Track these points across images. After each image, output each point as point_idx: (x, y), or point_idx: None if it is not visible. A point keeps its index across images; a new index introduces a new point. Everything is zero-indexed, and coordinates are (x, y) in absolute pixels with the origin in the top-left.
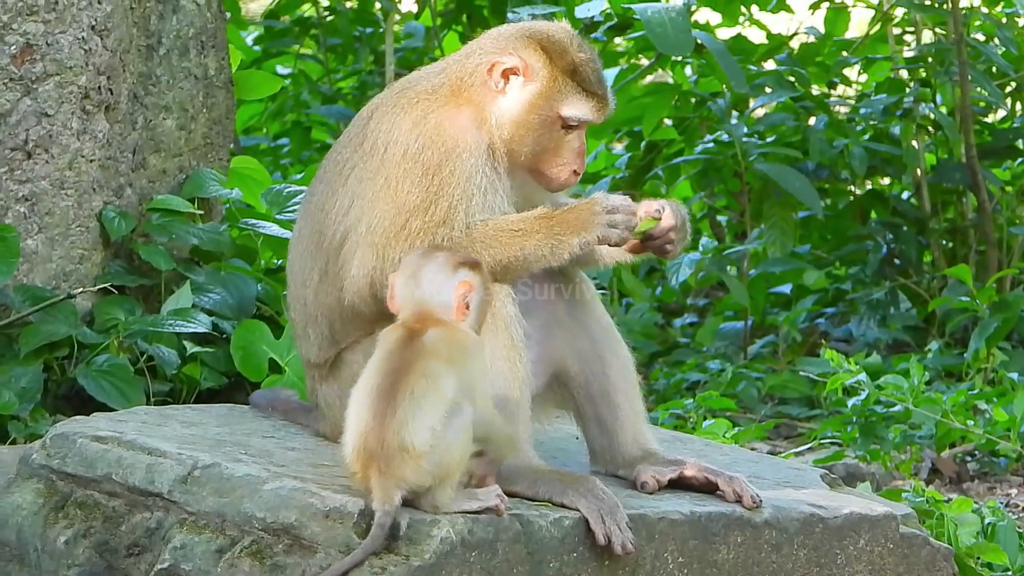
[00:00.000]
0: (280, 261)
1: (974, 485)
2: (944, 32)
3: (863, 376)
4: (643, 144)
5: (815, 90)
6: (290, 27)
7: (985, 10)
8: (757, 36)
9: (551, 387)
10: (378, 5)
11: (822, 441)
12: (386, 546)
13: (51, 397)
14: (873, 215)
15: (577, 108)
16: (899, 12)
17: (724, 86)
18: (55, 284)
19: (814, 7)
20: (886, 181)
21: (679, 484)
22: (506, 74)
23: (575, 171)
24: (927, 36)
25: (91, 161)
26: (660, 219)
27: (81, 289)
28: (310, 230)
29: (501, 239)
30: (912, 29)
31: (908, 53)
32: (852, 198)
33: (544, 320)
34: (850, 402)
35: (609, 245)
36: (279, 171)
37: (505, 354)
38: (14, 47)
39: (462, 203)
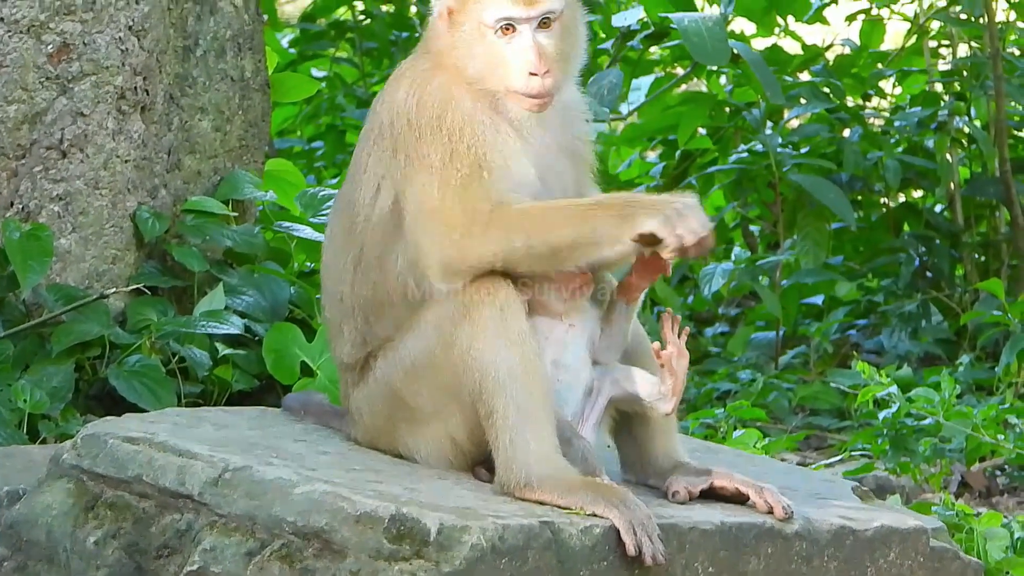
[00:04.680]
0: (313, 264)
1: (1003, 499)
2: (980, 46)
3: (894, 389)
4: (678, 153)
5: (850, 102)
6: (326, 30)
7: (1021, 24)
8: (793, 47)
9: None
10: (414, 9)
11: (852, 453)
12: (416, 552)
13: (82, 397)
14: (906, 228)
15: (495, 8)
16: (935, 25)
17: (759, 96)
18: (88, 284)
19: (850, 19)
20: (919, 194)
21: (710, 494)
22: (450, 18)
23: (531, 72)
24: (963, 50)
25: (126, 161)
26: None
27: (114, 289)
28: (340, 225)
29: (569, 212)
30: (948, 42)
31: (943, 66)
32: (885, 210)
33: None
34: (881, 414)
35: (665, 250)
36: (313, 174)
37: (523, 370)
38: (51, 46)
39: (480, 146)
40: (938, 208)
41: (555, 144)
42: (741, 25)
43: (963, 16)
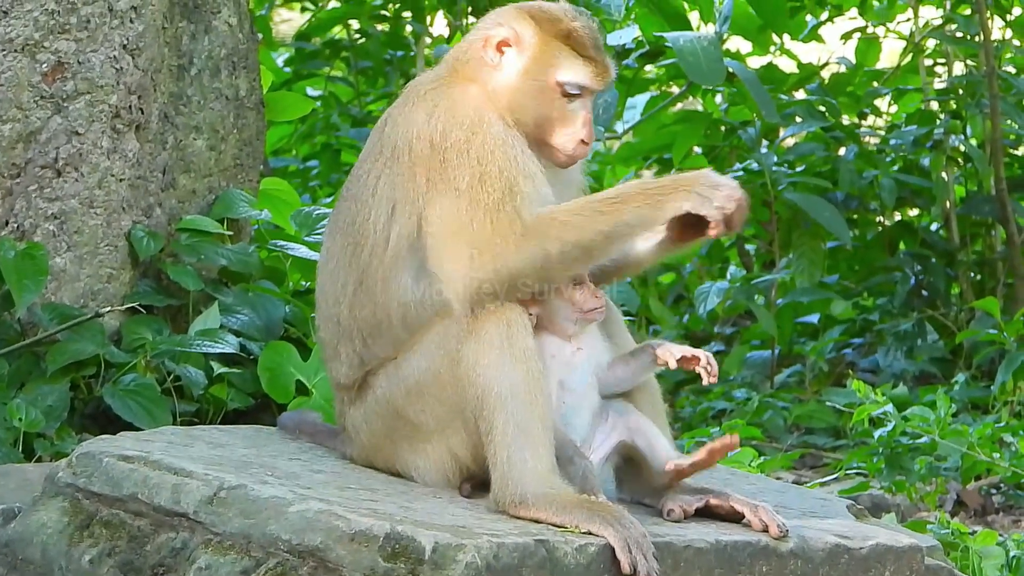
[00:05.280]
0: (308, 283)
1: (999, 518)
2: (975, 64)
3: (889, 407)
4: (673, 172)
5: (845, 120)
6: (321, 49)
7: (1017, 43)
8: (788, 65)
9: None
10: (409, 28)
11: (848, 472)
12: (411, 570)
13: (77, 416)
14: (902, 246)
15: (573, 73)
16: (931, 43)
17: (754, 115)
18: (83, 303)
19: (845, 37)
20: (915, 212)
21: (705, 513)
22: (500, 47)
23: (582, 140)
24: (958, 68)
25: (121, 180)
26: None
27: (109, 308)
28: (341, 246)
29: (597, 209)
30: (943, 61)
31: (939, 84)
32: (881, 229)
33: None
34: (876, 433)
35: (701, 217)
36: (308, 193)
37: (525, 388)
38: (45, 65)
39: (511, 170)
40: (934, 227)
41: (553, 173)
42: (736, 44)
43: (959, 35)
